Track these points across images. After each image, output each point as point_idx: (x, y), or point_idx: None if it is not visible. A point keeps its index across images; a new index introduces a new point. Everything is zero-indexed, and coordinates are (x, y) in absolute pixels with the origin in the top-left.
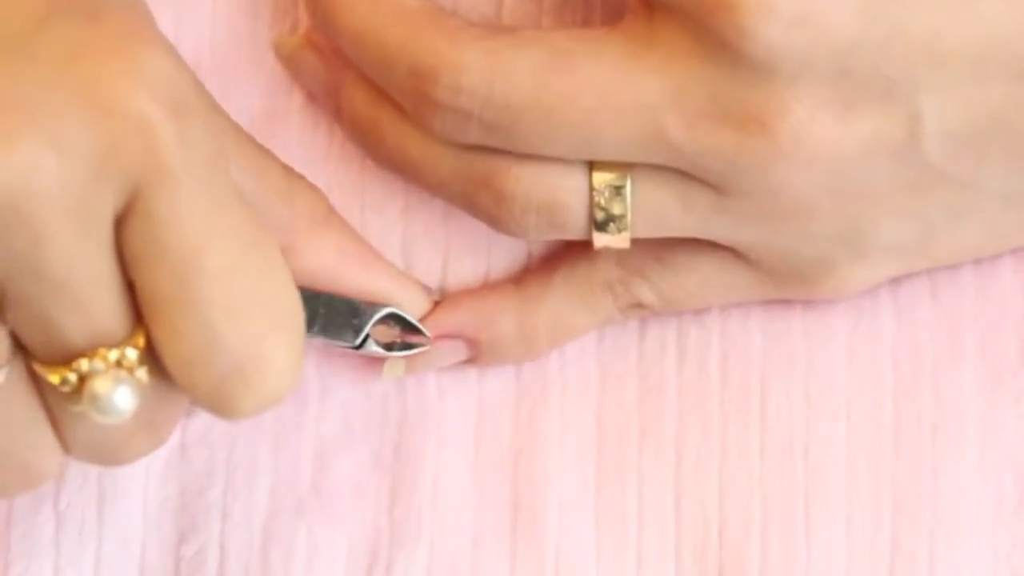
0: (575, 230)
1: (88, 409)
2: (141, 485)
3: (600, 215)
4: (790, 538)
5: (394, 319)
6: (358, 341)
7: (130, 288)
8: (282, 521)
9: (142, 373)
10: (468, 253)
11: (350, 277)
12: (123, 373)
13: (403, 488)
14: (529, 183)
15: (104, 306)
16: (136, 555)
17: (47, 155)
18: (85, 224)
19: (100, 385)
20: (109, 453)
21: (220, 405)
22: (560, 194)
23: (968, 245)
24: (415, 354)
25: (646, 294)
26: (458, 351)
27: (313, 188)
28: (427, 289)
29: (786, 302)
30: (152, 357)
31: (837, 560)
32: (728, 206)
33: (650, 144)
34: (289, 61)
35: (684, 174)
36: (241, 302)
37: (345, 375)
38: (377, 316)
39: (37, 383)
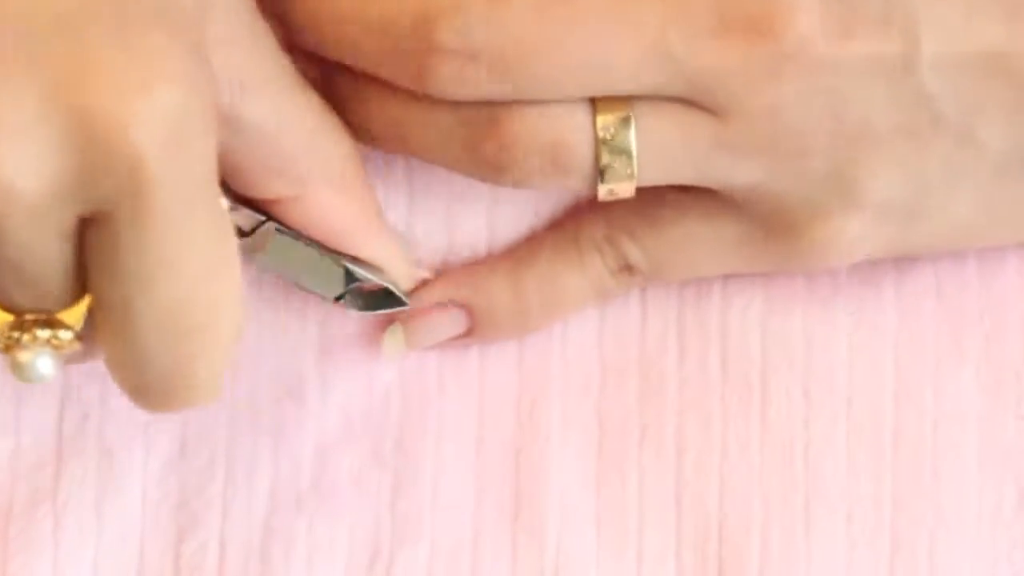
0: (579, 173)
1: (12, 372)
2: (140, 482)
3: (605, 155)
4: (790, 535)
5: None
6: (335, 295)
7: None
8: (282, 517)
9: (75, 346)
10: (469, 254)
11: (344, 242)
12: (48, 348)
13: (404, 484)
14: (533, 123)
15: (52, 286)
16: (135, 552)
17: (21, 171)
18: (47, 227)
19: (23, 355)
20: None
21: (136, 400)
22: (564, 133)
23: (962, 218)
24: (416, 332)
25: (633, 252)
26: (455, 321)
27: (339, 143)
28: (418, 271)
29: (787, 301)
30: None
31: (837, 558)
32: (727, 136)
33: (652, 62)
34: None
35: (686, 103)
36: (180, 330)
37: (345, 371)
38: (358, 283)
39: None
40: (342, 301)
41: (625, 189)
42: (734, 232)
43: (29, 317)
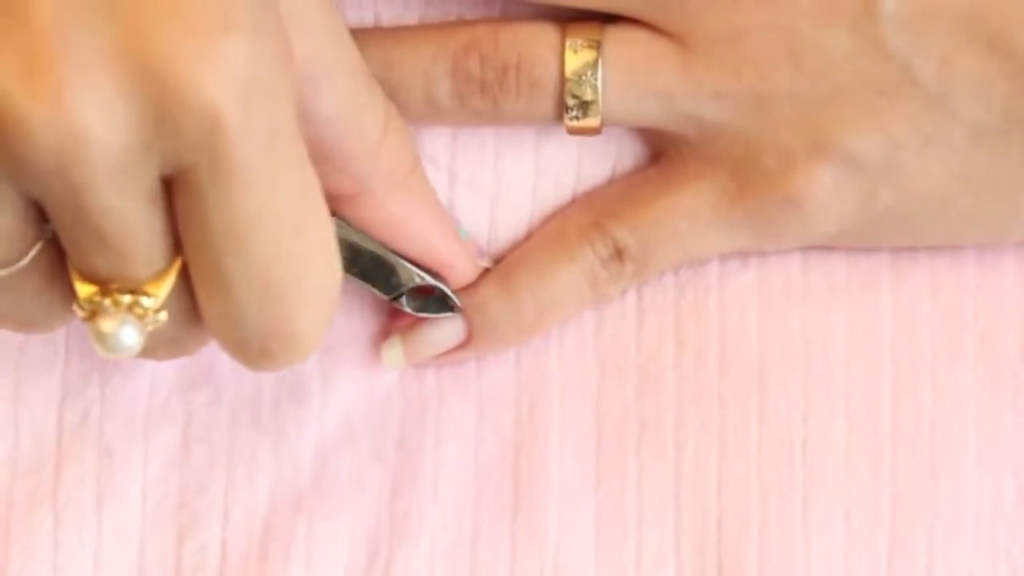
0: (551, 88)
1: (94, 342)
2: (140, 483)
3: (572, 75)
4: (789, 532)
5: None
6: (391, 296)
7: (170, 229)
8: (282, 517)
9: (159, 317)
10: None
11: (403, 243)
12: (131, 316)
13: (403, 483)
14: (508, 40)
15: (134, 253)
16: (135, 553)
17: (97, 119)
18: (125, 185)
19: (107, 324)
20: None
21: (241, 360)
22: (537, 49)
23: (936, 184)
24: (413, 340)
25: (621, 234)
26: (452, 329)
27: (404, 145)
28: (478, 265)
29: (784, 299)
30: (182, 285)
31: (836, 553)
32: (691, 64)
33: None
34: None
35: (652, 31)
36: (276, 286)
37: (346, 371)
38: (414, 284)
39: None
40: (397, 301)
41: (592, 120)
42: (712, 194)
43: (112, 286)
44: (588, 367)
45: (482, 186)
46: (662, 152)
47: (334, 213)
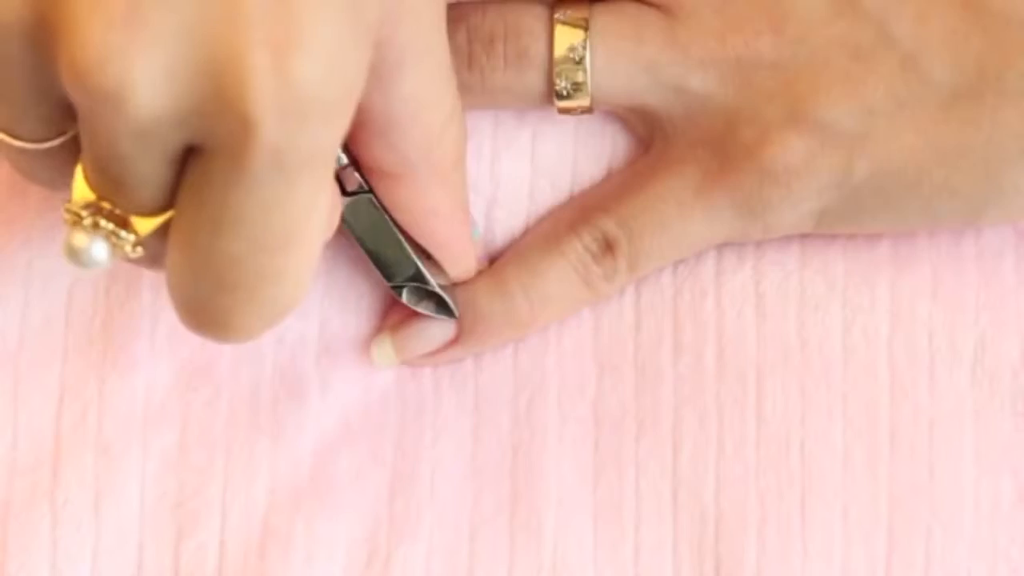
0: (539, 60)
1: (64, 251)
2: (138, 483)
3: (561, 40)
4: (786, 531)
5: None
6: (394, 283)
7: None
8: (281, 517)
9: (136, 250)
10: None
11: (423, 231)
12: (105, 241)
13: (402, 482)
14: (496, 12)
15: (133, 194)
16: (133, 552)
17: (138, 86)
18: (145, 144)
19: (78, 239)
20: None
21: (177, 314)
22: (525, 20)
23: (909, 152)
24: (402, 337)
25: (609, 226)
26: (443, 326)
27: (460, 139)
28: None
29: (782, 297)
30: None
31: (833, 553)
32: (678, 33)
33: None
34: None
35: (639, 1)
36: (231, 281)
37: (344, 372)
38: (417, 283)
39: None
40: (397, 290)
41: (582, 98)
42: (696, 176)
43: (104, 204)
44: (586, 366)
45: (479, 187)
46: (650, 143)
47: (369, 187)
